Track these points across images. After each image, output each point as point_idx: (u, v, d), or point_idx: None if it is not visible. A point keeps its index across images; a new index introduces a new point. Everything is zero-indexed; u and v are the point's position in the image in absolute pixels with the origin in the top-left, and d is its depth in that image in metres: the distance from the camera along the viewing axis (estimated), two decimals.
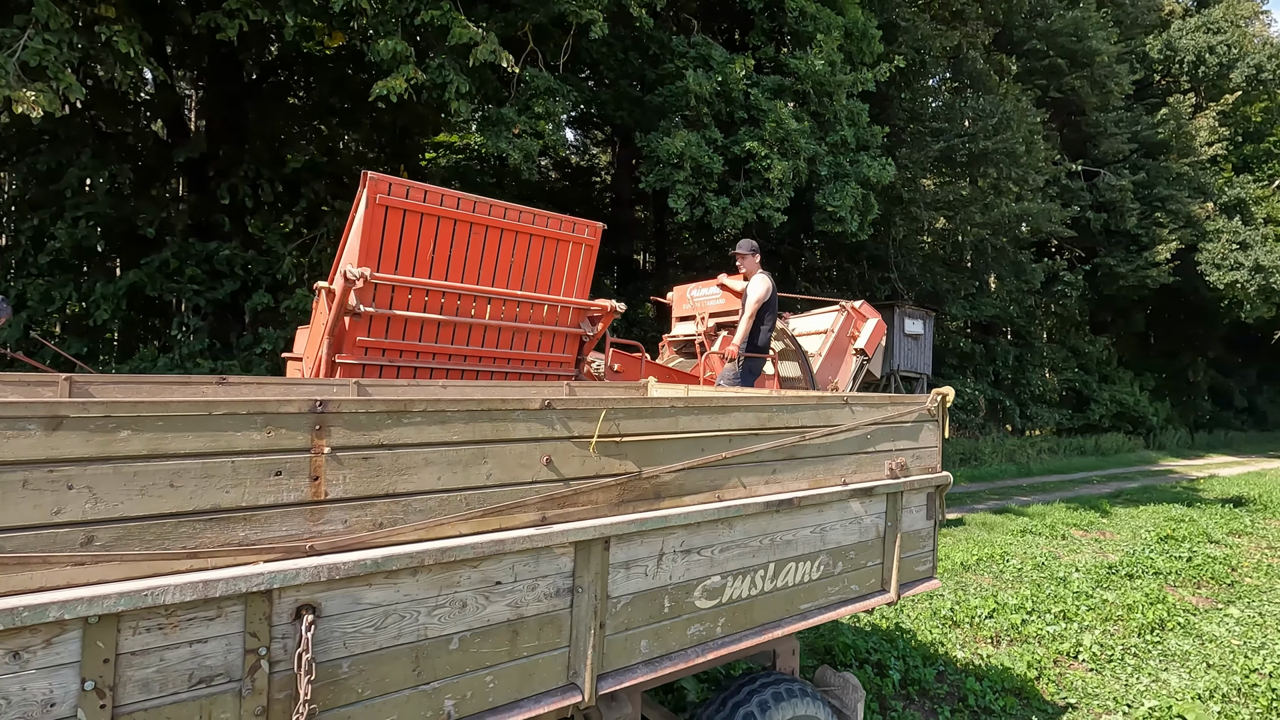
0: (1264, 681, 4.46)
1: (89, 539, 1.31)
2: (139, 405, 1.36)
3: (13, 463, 1.24)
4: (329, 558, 1.54)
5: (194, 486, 1.41)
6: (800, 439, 2.52)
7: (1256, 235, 22.36)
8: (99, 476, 1.32)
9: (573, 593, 1.94)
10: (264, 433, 1.49)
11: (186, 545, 1.40)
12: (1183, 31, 23.91)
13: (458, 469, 1.76)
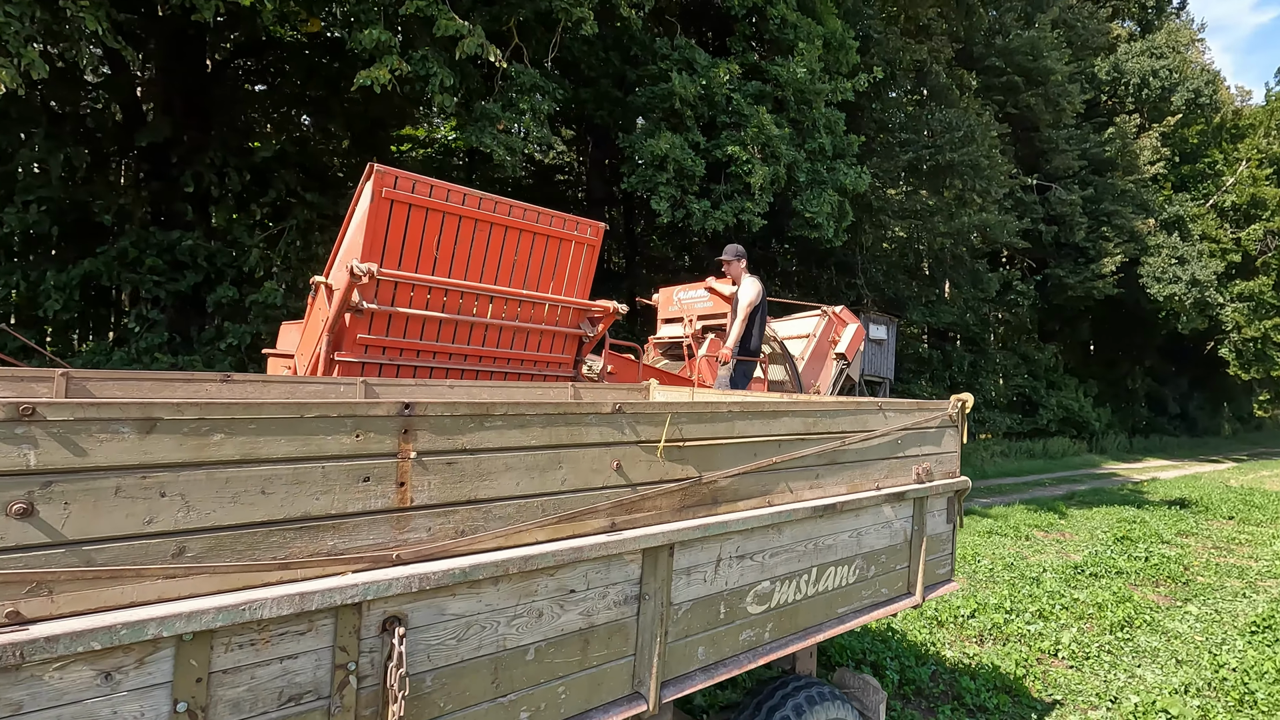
0: (1233, 676, 4.69)
1: (180, 550, 1.23)
2: (232, 407, 1.28)
3: (106, 468, 1.15)
4: (417, 567, 1.47)
5: (285, 493, 1.34)
6: (841, 444, 2.53)
7: (1193, 251, 23.61)
8: (192, 483, 1.24)
9: (639, 600, 1.91)
10: (353, 437, 1.42)
11: (277, 555, 1.33)
12: (1129, 55, 25.08)
13: (535, 474, 1.71)
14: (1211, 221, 25.17)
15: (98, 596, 1.15)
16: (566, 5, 7.65)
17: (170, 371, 2.96)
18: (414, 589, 1.44)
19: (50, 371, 2.76)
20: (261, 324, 9.63)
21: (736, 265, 6.35)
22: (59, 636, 1.07)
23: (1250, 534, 10.35)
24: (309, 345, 4.30)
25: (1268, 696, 4.33)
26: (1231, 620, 6.27)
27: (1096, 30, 24.70)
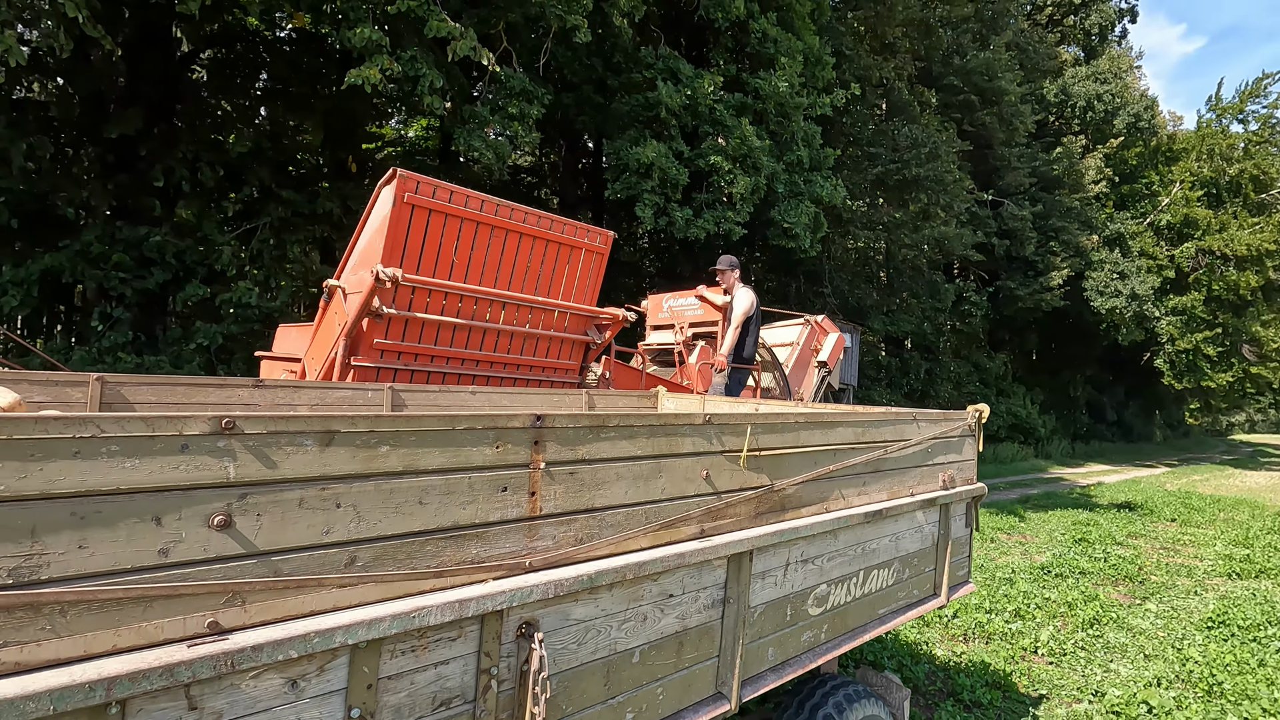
0: (1200, 669, 5.02)
1: (351, 559, 1.26)
2: (396, 420, 1.31)
3: (293, 480, 1.18)
4: (549, 574, 1.52)
5: (438, 503, 1.38)
6: (883, 452, 2.66)
7: (1133, 266, 24.92)
8: (362, 494, 1.27)
9: (724, 603, 1.99)
10: (494, 448, 1.47)
11: (430, 564, 1.37)
12: (1076, 79, 26.35)
13: (640, 483, 1.77)
14: (1149, 239, 26.61)
15: (283, 606, 1.17)
16: (560, 11, 7.69)
17: (200, 376, 2.87)
18: (549, 595, 1.50)
19: (84, 376, 2.69)
20: (234, 324, 9.36)
21: (731, 275, 6.49)
22: (262, 645, 1.10)
23: (1193, 535, 11.00)
24: (321, 349, 4.24)
25: (1234, 687, 4.66)
26: (1188, 616, 6.68)
27: (1046, 54, 25.88)
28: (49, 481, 0.96)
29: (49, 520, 0.96)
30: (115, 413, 1.00)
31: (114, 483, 1.01)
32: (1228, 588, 7.76)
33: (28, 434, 0.94)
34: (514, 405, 4.05)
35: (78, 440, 0.98)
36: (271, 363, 5.36)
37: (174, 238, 9.17)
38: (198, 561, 1.09)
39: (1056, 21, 29.01)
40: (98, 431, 0.99)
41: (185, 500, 1.07)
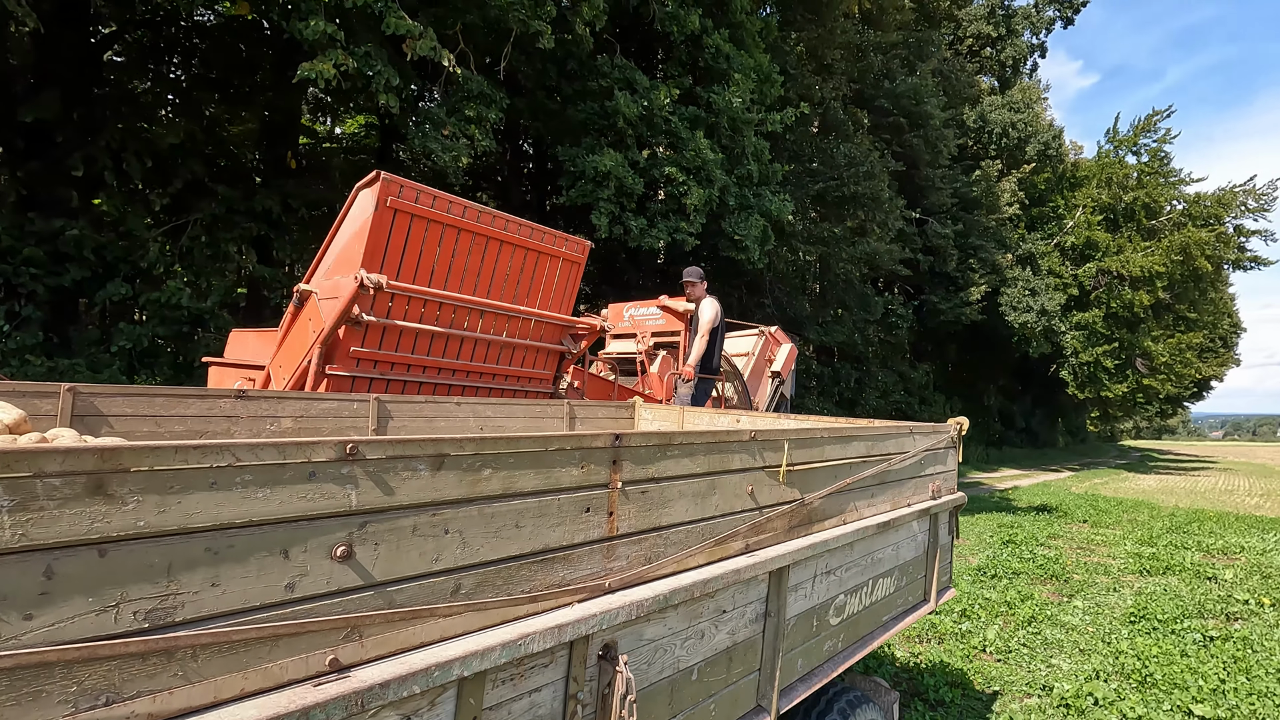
0: (1130, 662, 5.42)
1: (457, 587, 1.22)
2: (498, 442, 1.28)
3: (408, 506, 1.13)
4: (628, 595, 1.51)
5: (532, 526, 1.35)
6: (888, 465, 2.76)
7: (1042, 284, 26.70)
8: (467, 519, 1.23)
9: (765, 617, 2.02)
10: (581, 468, 1.44)
11: (524, 589, 1.33)
12: (993, 107, 28.07)
13: (698, 500, 1.78)
14: (1055, 259, 28.57)
15: (396, 639, 1.12)
16: (524, 16, 7.62)
17: (180, 387, 2.66)
18: (632, 617, 1.48)
19: (54, 386, 2.47)
20: (160, 326, 8.78)
21: (700, 286, 6.57)
22: (389, 682, 1.04)
23: (1104, 535, 11.84)
24: (290, 357, 4.03)
25: (1164, 677, 5.04)
26: (1110, 612, 7.18)
27: (966, 82, 27.47)
28: (186, 515, 0.89)
29: (185, 557, 0.89)
30: (248, 440, 0.93)
31: (247, 514, 0.94)
32: (1141, 584, 8.40)
33: (167, 464, 0.87)
34: (498, 416, 3.97)
35: (214, 470, 0.91)
36: (223, 369, 5.05)
37: (93, 231, 8.51)
38: (320, 595, 1.03)
39: (975, 52, 30.84)
40: (234, 460, 0.92)
41: (311, 531, 1.01)
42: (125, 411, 2.62)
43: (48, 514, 0.78)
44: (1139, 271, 26.91)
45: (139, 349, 8.50)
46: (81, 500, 0.80)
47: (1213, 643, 6.00)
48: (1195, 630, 6.30)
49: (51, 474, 0.78)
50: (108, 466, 0.82)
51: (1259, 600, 7.46)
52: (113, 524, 0.83)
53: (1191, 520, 13.73)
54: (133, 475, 0.84)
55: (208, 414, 2.82)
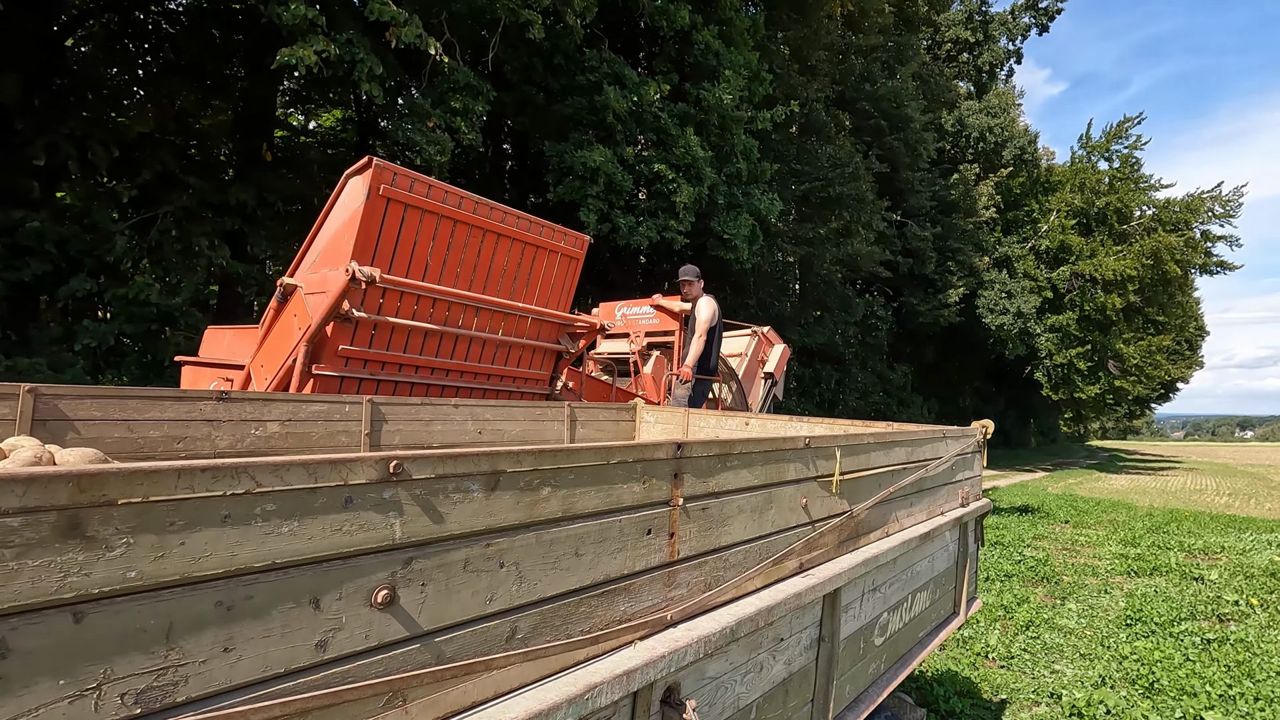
0: (1136, 667, 5.35)
1: (513, 631, 1.01)
2: (556, 455, 1.07)
3: (459, 536, 0.92)
4: (692, 629, 1.31)
5: (592, 554, 1.14)
6: (924, 472, 2.60)
7: (1018, 287, 27.03)
8: (523, 549, 1.02)
9: (819, 642, 1.84)
10: (643, 484, 1.24)
11: (584, 628, 1.13)
12: (970, 111, 28.37)
13: (754, 516, 1.59)
14: (1031, 262, 28.97)
15: (445, 700, 0.91)
16: (513, 6, 7.38)
17: (155, 388, 2.41)
18: (700, 655, 1.29)
19: (12, 387, 2.20)
20: (126, 323, 8.37)
21: (696, 285, 6.39)
22: None
23: (1087, 536, 11.91)
24: (274, 356, 3.76)
25: (1171, 683, 4.97)
26: (1104, 615, 7.15)
27: (945, 86, 27.72)
28: (191, 561, 0.67)
29: (190, 615, 0.67)
30: (269, 458, 0.72)
31: (269, 555, 0.73)
32: (1131, 585, 8.40)
33: (167, 493, 0.65)
34: (497, 419, 3.75)
35: (228, 499, 0.69)
36: (198, 369, 4.74)
37: (55, 224, 8.08)
38: (359, 654, 0.81)
39: (953, 57, 31.16)
40: (252, 486, 0.71)
41: (348, 572, 0.80)
42: (93, 415, 2.35)
43: (3, 568, 0.56)
44: (1111, 275, 27.39)
45: (104, 348, 8.08)
46: (51, 547, 0.58)
47: (1211, 645, 5.97)
48: (1193, 633, 6.27)
49: (9, 512, 0.56)
50: (87, 499, 0.60)
51: (1248, 601, 7.49)
52: (93, 577, 0.61)
53: (1169, 520, 13.90)
54: (120, 510, 0.62)
55: (186, 418, 2.57)
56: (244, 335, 4.47)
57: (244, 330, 4.53)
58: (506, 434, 3.81)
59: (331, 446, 3.01)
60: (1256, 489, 22.50)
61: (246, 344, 4.34)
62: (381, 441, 3.20)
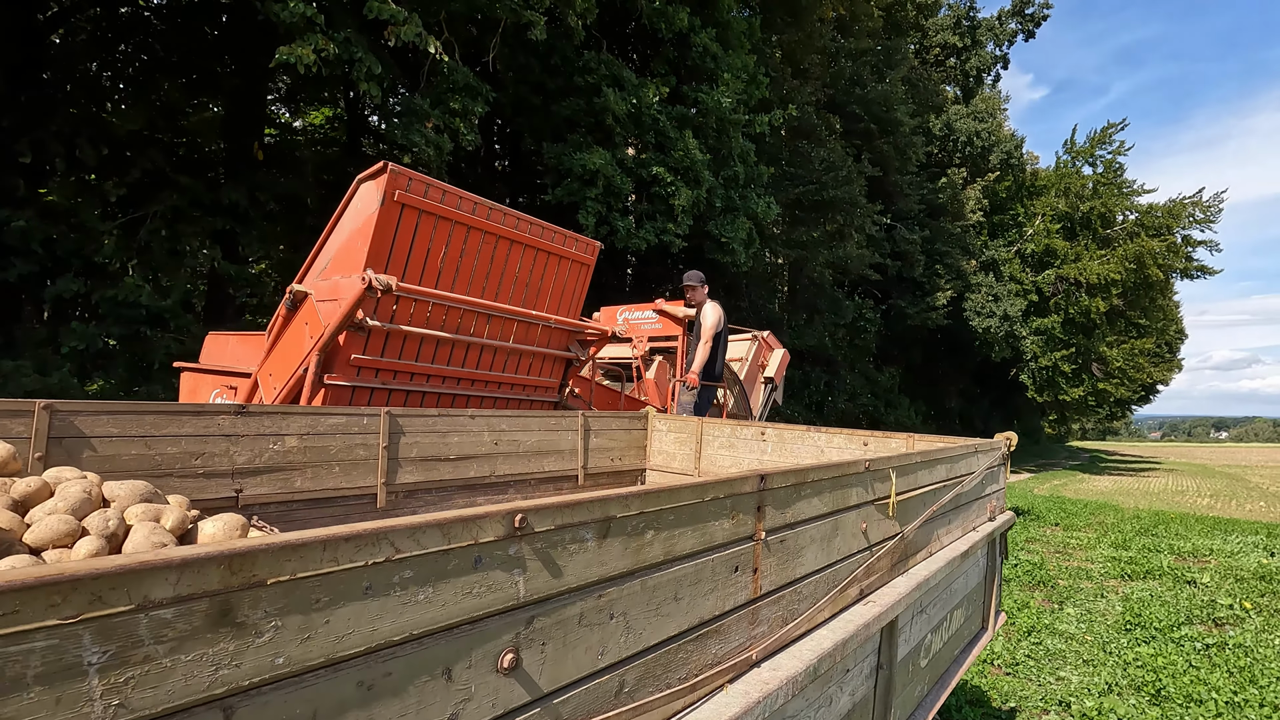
0: (1140, 673, 5.38)
1: (620, 686, 0.95)
2: (660, 496, 1.02)
3: (576, 589, 0.87)
4: (777, 666, 1.26)
5: (689, 597, 1.09)
6: (961, 488, 2.57)
7: (1004, 290, 27.30)
8: (630, 597, 0.97)
9: (877, 670, 1.79)
10: (731, 519, 1.19)
11: (680, 675, 1.07)
12: (958, 115, 28.61)
13: (822, 545, 1.55)
14: (1016, 265, 29.28)
15: None
16: (515, 6, 7.29)
17: (172, 403, 2.33)
18: (790, 696, 1.23)
19: (27, 403, 2.10)
20: (114, 325, 8.18)
21: (701, 290, 6.35)
22: None
23: (1078, 539, 12.02)
24: (283, 365, 3.67)
25: (1178, 690, 5.00)
26: (1103, 619, 7.20)
27: (933, 91, 27.93)
28: (336, 640, 0.61)
29: (334, 700, 0.61)
30: (402, 518, 0.66)
31: (406, 627, 0.67)
32: (1126, 589, 8.48)
33: (314, 567, 0.59)
34: (513, 429, 3.67)
35: (369, 569, 0.63)
36: (198, 376, 4.62)
37: (42, 223, 7.88)
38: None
39: (940, 62, 31.41)
40: (391, 553, 0.65)
41: (477, 637, 0.74)
42: (110, 432, 2.26)
43: (155, 667, 0.49)
44: (1095, 279, 27.74)
45: (92, 350, 7.89)
46: (203, 638, 0.52)
47: (1211, 651, 6.02)
48: (1192, 638, 6.33)
49: (161, 603, 0.50)
50: (238, 580, 0.54)
51: (1242, 605, 7.58)
52: (244, 668, 0.54)
53: (1157, 523, 14.07)
54: (269, 590, 0.56)
55: (204, 433, 2.48)
56: (247, 342, 4.36)
57: (247, 336, 4.42)
58: (522, 444, 3.75)
59: (350, 461, 2.93)
60: (1236, 490, 22.89)
61: (250, 351, 4.24)
62: (399, 454, 3.13)
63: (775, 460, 4.05)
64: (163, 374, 8.67)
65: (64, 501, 1.08)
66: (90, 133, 8.02)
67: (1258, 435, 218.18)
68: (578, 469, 4.07)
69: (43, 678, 0.44)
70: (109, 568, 0.47)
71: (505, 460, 3.62)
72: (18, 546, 0.99)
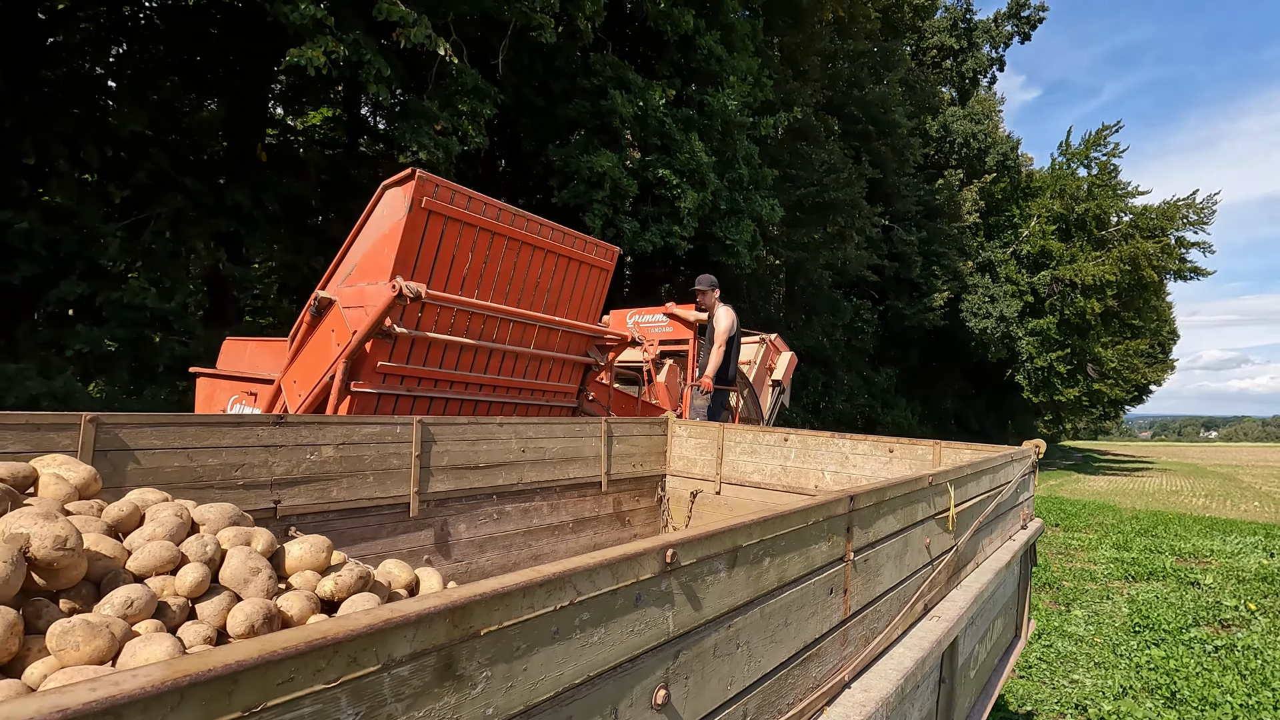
0: (1154, 676, 5.41)
1: (744, 714, 0.95)
2: (773, 523, 1.01)
3: (711, 621, 0.86)
4: (868, 687, 1.26)
5: (796, 621, 1.09)
6: (1000, 497, 2.58)
7: (1000, 291, 27.43)
8: (752, 626, 0.96)
9: (940, 684, 1.80)
10: (828, 542, 1.19)
11: (788, 700, 1.07)
12: (955, 117, 28.73)
13: (896, 562, 1.55)
14: (1012, 266, 29.42)
15: None
16: (525, 9, 7.28)
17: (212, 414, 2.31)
18: (885, 717, 1.23)
19: (73, 416, 2.08)
20: (119, 328, 8.12)
21: (712, 294, 6.36)
22: None
23: (1079, 540, 12.09)
24: (308, 372, 3.64)
25: (1192, 693, 5.04)
26: (1110, 621, 7.24)
27: (930, 93, 28.04)
28: (531, 687, 0.60)
29: None
30: (579, 560, 0.65)
31: (584, 669, 0.66)
32: (1131, 591, 8.53)
33: (516, 615, 0.58)
34: (539, 436, 3.66)
35: (557, 614, 0.63)
36: (214, 382, 4.58)
37: (46, 225, 7.81)
38: None
39: (937, 63, 31.54)
40: (574, 596, 0.64)
41: (635, 675, 0.74)
42: (153, 444, 2.24)
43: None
44: (1090, 280, 27.91)
45: (96, 352, 7.84)
46: (430, 693, 0.51)
47: (1221, 653, 6.06)
48: (1202, 640, 6.37)
49: (400, 660, 0.49)
50: (458, 634, 0.53)
51: (1247, 607, 7.63)
52: (463, 719, 0.54)
53: (1156, 523, 14.16)
54: (482, 640, 0.55)
55: (244, 444, 2.46)
56: (267, 348, 4.33)
57: (266, 343, 4.39)
58: (548, 451, 3.74)
59: (384, 470, 2.92)
60: (1230, 490, 23.07)
61: (270, 357, 4.21)
62: (431, 463, 3.11)
63: (799, 467, 4.05)
64: (168, 376, 8.61)
65: (161, 527, 1.07)
66: (94, 134, 7.96)
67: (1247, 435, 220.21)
68: (601, 475, 4.06)
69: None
70: (361, 628, 0.46)
71: (532, 468, 3.61)
72: (123, 575, 0.98)
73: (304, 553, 1.21)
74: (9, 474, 1.12)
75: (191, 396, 4.94)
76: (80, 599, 0.94)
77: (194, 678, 0.37)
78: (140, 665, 0.39)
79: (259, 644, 0.41)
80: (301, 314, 3.72)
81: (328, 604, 1.18)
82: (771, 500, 3.93)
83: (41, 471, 1.20)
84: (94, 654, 0.77)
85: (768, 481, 4.15)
